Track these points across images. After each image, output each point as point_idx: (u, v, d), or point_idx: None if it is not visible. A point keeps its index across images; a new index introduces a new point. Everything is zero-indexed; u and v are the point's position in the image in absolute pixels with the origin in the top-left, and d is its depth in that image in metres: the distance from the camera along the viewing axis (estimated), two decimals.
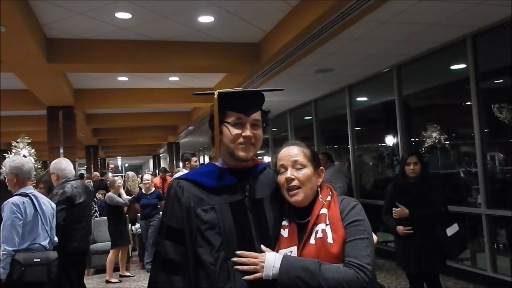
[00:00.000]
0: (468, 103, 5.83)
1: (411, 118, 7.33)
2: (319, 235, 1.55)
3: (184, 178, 1.69)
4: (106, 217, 7.99)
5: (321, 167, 1.72)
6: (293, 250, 1.57)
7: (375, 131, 9.24)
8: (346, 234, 1.53)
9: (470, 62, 5.69)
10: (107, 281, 6.88)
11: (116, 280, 6.91)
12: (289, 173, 1.62)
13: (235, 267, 1.54)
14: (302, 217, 1.63)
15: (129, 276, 7.21)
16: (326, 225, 1.56)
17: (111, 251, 6.94)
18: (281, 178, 1.64)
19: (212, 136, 1.72)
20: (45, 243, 3.75)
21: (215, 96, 1.63)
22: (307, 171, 1.64)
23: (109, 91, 9.47)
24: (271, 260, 1.52)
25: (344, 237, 1.53)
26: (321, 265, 1.48)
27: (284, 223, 1.66)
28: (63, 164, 4.50)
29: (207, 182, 1.65)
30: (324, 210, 1.59)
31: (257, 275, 1.52)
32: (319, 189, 1.67)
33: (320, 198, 1.64)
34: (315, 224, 1.58)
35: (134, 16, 5.28)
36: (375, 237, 1.63)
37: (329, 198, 1.63)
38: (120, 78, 8.50)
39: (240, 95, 1.66)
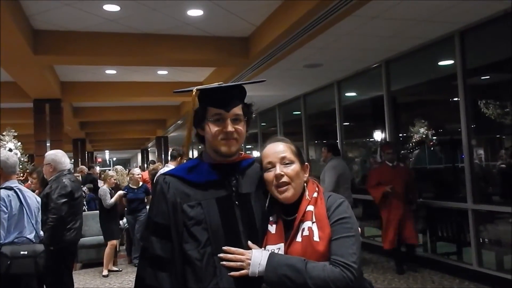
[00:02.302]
0: (456, 99, 5.88)
1: (399, 114, 7.37)
2: (306, 233, 1.54)
3: (170, 174, 1.68)
4: (93, 212, 8.02)
5: (306, 163, 1.71)
6: (280, 247, 1.57)
7: (364, 126, 9.29)
8: (332, 232, 1.52)
9: (458, 58, 5.74)
10: (104, 276, 6.88)
11: (106, 274, 6.90)
12: (278, 169, 1.60)
13: (221, 263, 1.53)
14: (289, 214, 1.62)
15: (116, 270, 7.19)
16: (313, 222, 1.55)
17: (109, 244, 6.94)
18: (269, 175, 1.62)
19: (196, 133, 1.72)
20: (31, 236, 3.74)
21: (194, 93, 1.63)
22: (296, 166, 1.63)
23: (97, 84, 9.37)
24: (257, 258, 1.51)
25: (330, 235, 1.52)
26: (307, 263, 1.47)
27: (272, 219, 1.65)
28: (61, 157, 4.51)
29: (193, 178, 1.64)
30: (310, 207, 1.58)
31: (243, 271, 1.51)
32: (305, 185, 1.66)
33: (306, 195, 1.62)
34: (302, 221, 1.57)
35: (122, 9, 5.22)
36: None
37: (315, 194, 1.62)
38: (108, 71, 8.42)
39: (219, 90, 1.64)
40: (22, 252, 3.56)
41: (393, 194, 5.97)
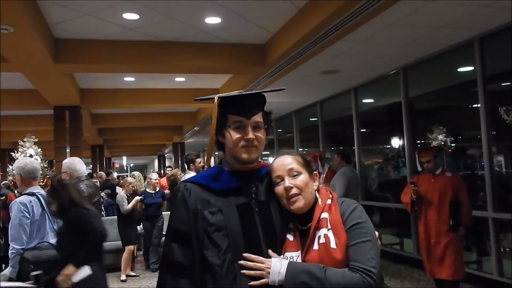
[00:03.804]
0: (475, 105, 5.80)
1: (417, 120, 7.30)
2: (322, 240, 1.54)
3: (191, 181, 1.70)
4: (111, 217, 8.10)
5: (315, 172, 1.72)
6: (299, 255, 1.58)
7: (381, 133, 9.22)
8: (348, 238, 1.52)
9: (478, 64, 5.67)
10: (122, 281, 6.94)
11: (123, 278, 6.96)
12: (287, 182, 1.62)
13: (241, 271, 1.54)
14: (304, 224, 1.63)
15: (134, 275, 7.24)
16: (328, 229, 1.55)
17: (126, 249, 7.02)
18: (280, 189, 1.63)
19: (216, 140, 1.72)
20: (53, 241, 3.78)
21: (216, 100, 1.64)
22: (304, 177, 1.64)
23: (115, 91, 9.51)
24: (276, 266, 1.52)
25: (346, 241, 1.52)
26: (326, 270, 1.47)
27: (290, 225, 1.66)
28: (76, 164, 4.52)
29: (213, 185, 1.66)
30: (325, 215, 1.58)
31: (263, 280, 1.52)
32: (317, 193, 1.67)
33: (319, 202, 1.63)
34: (317, 229, 1.57)
35: (141, 17, 5.29)
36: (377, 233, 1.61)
37: (329, 201, 1.63)
38: (126, 78, 8.53)
39: (240, 98, 1.66)
40: (43, 257, 3.60)
41: (422, 201, 4.95)
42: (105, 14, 5.17)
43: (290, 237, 1.63)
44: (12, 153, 9.59)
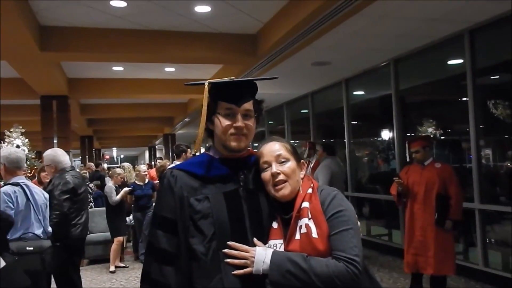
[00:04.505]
0: (464, 98, 5.82)
1: (407, 113, 7.31)
2: (303, 230, 1.53)
3: (178, 168, 1.67)
4: (100, 208, 8.04)
5: (302, 160, 1.71)
6: (283, 243, 1.57)
7: (372, 125, 9.23)
8: (330, 227, 1.51)
9: (467, 57, 5.67)
10: (111, 272, 6.90)
11: (113, 270, 6.93)
12: (274, 168, 1.60)
13: (225, 260, 1.52)
14: (286, 213, 1.62)
15: (123, 266, 7.20)
16: (309, 219, 1.54)
17: (115, 240, 6.99)
18: (266, 175, 1.62)
19: (205, 128, 1.69)
20: (38, 232, 3.73)
21: (206, 86, 1.61)
22: (291, 164, 1.63)
23: (104, 81, 9.40)
24: (261, 255, 1.50)
25: (328, 230, 1.51)
26: (310, 259, 1.47)
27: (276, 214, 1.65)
28: (60, 156, 4.46)
29: (200, 172, 1.63)
30: (305, 204, 1.57)
31: (247, 269, 1.50)
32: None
33: (300, 191, 1.62)
34: (298, 218, 1.56)
35: (130, 5, 5.21)
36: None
37: (310, 190, 1.61)
38: (115, 68, 8.43)
39: (231, 84, 1.64)
40: (28, 248, 3.55)
41: (407, 194, 4.72)
42: (92, 1, 5.07)
43: (274, 224, 1.62)
44: None
